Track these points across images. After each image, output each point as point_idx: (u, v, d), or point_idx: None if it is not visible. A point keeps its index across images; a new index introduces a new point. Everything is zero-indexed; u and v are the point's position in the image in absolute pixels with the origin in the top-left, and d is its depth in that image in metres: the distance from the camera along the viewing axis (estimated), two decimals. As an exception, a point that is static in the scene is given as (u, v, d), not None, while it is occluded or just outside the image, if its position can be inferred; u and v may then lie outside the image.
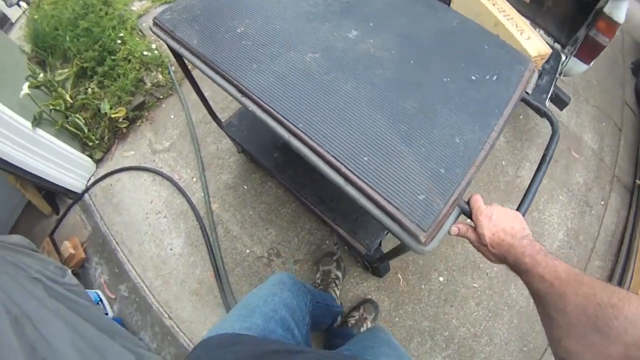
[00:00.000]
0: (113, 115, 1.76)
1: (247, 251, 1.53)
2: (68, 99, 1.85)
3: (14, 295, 1.04)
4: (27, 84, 1.60)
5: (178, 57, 0.97)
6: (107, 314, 1.54)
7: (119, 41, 1.90)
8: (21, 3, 2.05)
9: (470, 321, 1.44)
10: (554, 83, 1.60)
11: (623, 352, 0.35)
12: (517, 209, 0.63)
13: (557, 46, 1.68)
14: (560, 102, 1.72)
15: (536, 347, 1.44)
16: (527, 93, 0.83)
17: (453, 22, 0.88)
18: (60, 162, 1.68)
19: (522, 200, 0.67)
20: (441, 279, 1.50)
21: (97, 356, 1.12)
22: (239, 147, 1.56)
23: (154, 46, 1.93)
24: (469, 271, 1.52)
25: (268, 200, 1.61)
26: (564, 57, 1.65)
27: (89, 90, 1.87)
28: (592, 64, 1.60)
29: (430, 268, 1.51)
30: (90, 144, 1.78)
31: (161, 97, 1.85)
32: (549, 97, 1.59)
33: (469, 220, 0.65)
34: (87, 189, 1.77)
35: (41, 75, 1.78)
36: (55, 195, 1.89)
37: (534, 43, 1.38)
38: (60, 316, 1.11)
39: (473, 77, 0.78)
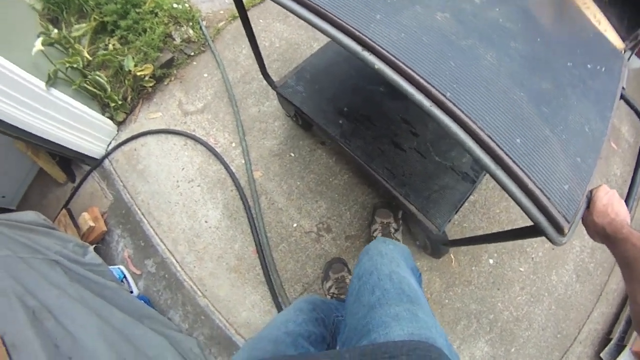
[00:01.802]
0: (138, 73, 1.58)
1: (294, 225, 1.40)
2: (86, 55, 1.67)
3: (30, 284, 0.90)
4: (40, 39, 1.42)
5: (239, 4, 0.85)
6: (132, 292, 1.41)
7: (144, -8, 1.70)
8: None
9: (514, 305, 1.43)
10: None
11: None
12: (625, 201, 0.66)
13: (618, 40, 1.63)
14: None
15: (568, 335, 1.46)
16: (623, 88, 0.81)
17: (560, 1, 0.86)
18: (77, 125, 1.51)
19: (628, 193, 0.68)
20: (491, 261, 1.46)
21: (127, 346, 1.00)
22: (291, 111, 1.41)
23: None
24: (517, 255, 1.49)
25: (318, 170, 1.47)
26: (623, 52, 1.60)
27: (110, 46, 1.69)
28: None
29: (482, 249, 1.47)
30: (112, 104, 1.60)
31: (192, 54, 1.67)
32: None
33: None
34: (107, 155, 1.60)
35: (55, 31, 1.59)
36: (70, 162, 1.72)
37: (611, 36, 1.32)
38: (85, 304, 0.99)
39: (588, 66, 0.76)
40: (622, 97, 0.79)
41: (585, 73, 0.74)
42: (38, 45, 1.39)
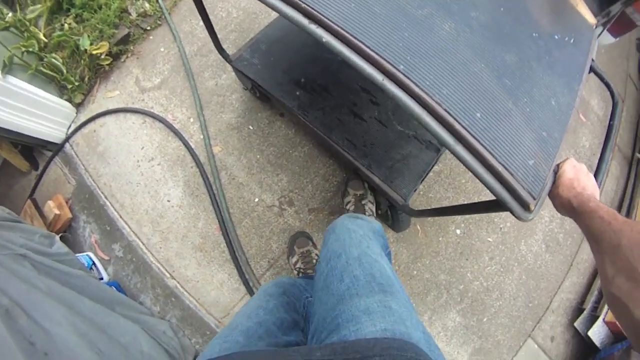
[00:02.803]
0: (94, 52, 1.52)
1: (256, 200, 1.36)
2: (42, 37, 1.60)
3: (0, 281, 0.88)
4: None
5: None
6: (101, 278, 1.40)
7: (99, -33, 1.63)
8: None
9: (484, 275, 1.43)
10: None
11: None
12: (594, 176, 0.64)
13: (589, 15, 1.58)
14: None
15: (540, 304, 1.46)
16: (592, 60, 0.79)
17: None
18: (35, 111, 1.46)
19: (597, 169, 0.67)
20: (458, 231, 1.45)
21: (100, 335, 0.99)
22: (248, 84, 1.36)
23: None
24: (484, 225, 1.48)
25: (277, 142, 1.43)
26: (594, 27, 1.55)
27: (66, 25, 1.62)
28: (618, 39, 1.55)
29: (448, 220, 1.46)
30: (70, 86, 1.54)
31: (149, 28, 1.61)
32: None
33: None
34: (67, 138, 1.56)
35: (10, 15, 1.53)
36: (32, 150, 1.68)
37: (583, 11, 1.27)
38: (54, 296, 0.97)
39: (556, 37, 0.73)
40: (592, 69, 0.77)
41: (552, 44, 0.72)
42: (-9, 33, 1.33)
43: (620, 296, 0.41)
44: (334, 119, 1.20)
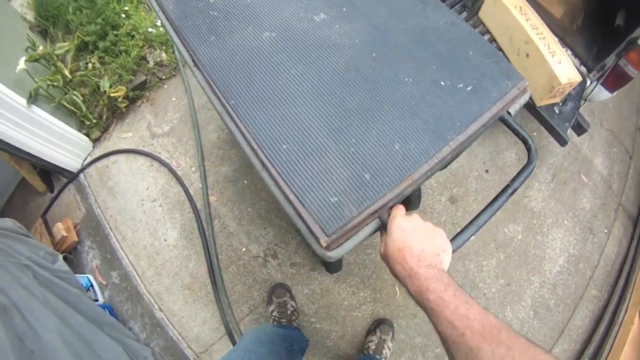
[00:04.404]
0: (112, 94, 1.67)
1: (243, 249, 1.47)
2: (67, 74, 1.76)
3: (2, 283, 1.00)
4: (23, 58, 1.51)
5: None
6: (97, 300, 1.50)
7: (123, 15, 1.79)
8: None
9: None
10: (577, 110, 1.51)
11: None
12: (451, 240, 0.52)
13: (583, 69, 1.57)
14: (579, 128, 1.66)
15: None
16: (508, 113, 0.69)
17: (441, 21, 0.77)
18: (55, 140, 1.60)
19: (461, 232, 0.56)
20: None
21: (84, 347, 1.09)
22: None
23: (159, 22, 1.81)
24: (467, 289, 1.47)
25: (268, 197, 1.54)
26: (588, 82, 1.54)
27: (90, 65, 1.78)
28: (615, 93, 1.51)
29: None
30: (88, 122, 1.69)
31: (164, 77, 1.75)
32: (571, 124, 1.51)
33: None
34: (82, 169, 1.70)
35: (40, 47, 1.69)
36: (50, 173, 1.83)
37: (565, 68, 1.27)
38: (49, 305, 1.08)
39: (442, 83, 0.68)
40: (502, 119, 0.68)
41: (430, 90, 0.67)
42: (22, 64, 1.48)
43: None
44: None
